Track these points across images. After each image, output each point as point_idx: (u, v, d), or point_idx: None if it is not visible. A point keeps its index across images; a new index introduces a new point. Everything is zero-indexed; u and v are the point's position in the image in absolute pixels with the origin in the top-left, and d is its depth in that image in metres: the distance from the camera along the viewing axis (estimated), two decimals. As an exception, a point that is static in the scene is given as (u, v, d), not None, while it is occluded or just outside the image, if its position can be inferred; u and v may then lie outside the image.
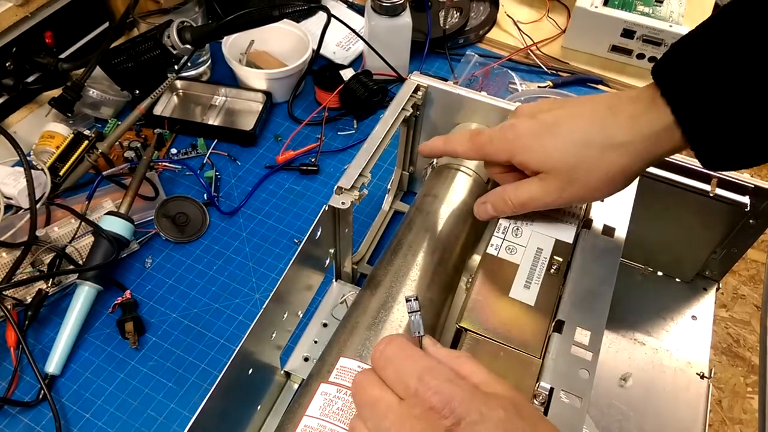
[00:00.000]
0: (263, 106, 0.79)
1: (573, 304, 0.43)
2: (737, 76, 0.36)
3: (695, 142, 0.39)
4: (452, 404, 0.30)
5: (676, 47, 0.40)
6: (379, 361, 0.34)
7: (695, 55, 0.38)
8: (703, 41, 0.38)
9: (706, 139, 0.39)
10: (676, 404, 0.58)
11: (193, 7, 0.80)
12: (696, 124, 0.39)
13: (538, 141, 0.44)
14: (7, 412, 0.55)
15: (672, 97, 0.39)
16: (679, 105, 0.39)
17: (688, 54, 0.39)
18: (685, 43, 0.39)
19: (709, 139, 0.39)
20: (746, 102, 0.36)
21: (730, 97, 0.37)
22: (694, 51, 0.39)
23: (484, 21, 0.93)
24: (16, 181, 0.65)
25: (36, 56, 0.72)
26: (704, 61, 0.38)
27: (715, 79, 0.37)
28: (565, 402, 0.38)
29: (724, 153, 0.39)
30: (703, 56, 0.38)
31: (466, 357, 0.34)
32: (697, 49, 0.38)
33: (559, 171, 0.43)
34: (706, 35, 0.38)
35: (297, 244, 0.69)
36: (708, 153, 0.39)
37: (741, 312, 1.57)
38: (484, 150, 0.47)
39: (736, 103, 0.36)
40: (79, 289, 0.60)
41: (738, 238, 0.59)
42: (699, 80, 0.38)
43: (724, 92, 0.37)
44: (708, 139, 0.39)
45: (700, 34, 0.39)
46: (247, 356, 0.44)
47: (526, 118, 0.46)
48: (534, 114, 0.46)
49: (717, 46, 0.37)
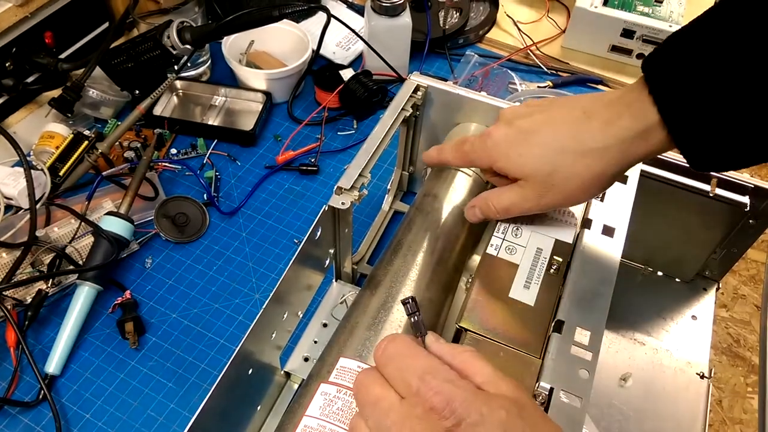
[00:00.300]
0: (263, 106, 0.79)
1: (573, 304, 0.43)
2: (731, 73, 0.35)
3: (682, 141, 0.39)
4: (453, 405, 0.30)
5: (668, 42, 0.39)
6: (381, 358, 0.33)
7: (688, 50, 0.38)
8: (697, 36, 0.38)
9: (695, 138, 0.38)
10: (676, 404, 0.58)
11: (193, 8, 0.80)
12: (684, 122, 0.38)
13: (514, 149, 0.44)
14: (7, 412, 0.56)
15: (660, 94, 0.38)
16: (666, 101, 0.38)
17: (680, 49, 0.38)
18: (677, 38, 0.39)
19: (698, 138, 0.38)
20: (738, 100, 0.35)
21: (722, 95, 0.36)
22: (687, 46, 0.38)
23: (483, 21, 0.93)
24: (16, 181, 0.65)
25: (36, 56, 0.72)
26: (697, 57, 0.37)
27: (707, 76, 0.36)
28: (565, 402, 0.38)
29: (713, 153, 0.38)
30: (696, 51, 0.37)
31: (471, 353, 0.34)
32: (690, 44, 0.38)
33: (536, 178, 0.44)
34: (699, 30, 0.38)
35: (297, 244, 0.69)
36: (696, 153, 0.39)
37: (741, 312, 1.57)
38: (468, 157, 0.48)
39: (729, 101, 0.36)
40: (79, 289, 0.60)
41: (738, 238, 0.59)
42: (690, 76, 0.37)
43: (716, 90, 0.36)
44: (696, 138, 0.38)
45: (693, 30, 0.38)
46: (247, 356, 0.44)
47: (503, 124, 0.46)
48: (512, 120, 0.45)
49: (711, 42, 0.37)
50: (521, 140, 0.44)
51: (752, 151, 0.37)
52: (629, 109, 0.40)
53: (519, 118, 0.45)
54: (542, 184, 0.43)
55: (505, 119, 0.46)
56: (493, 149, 0.45)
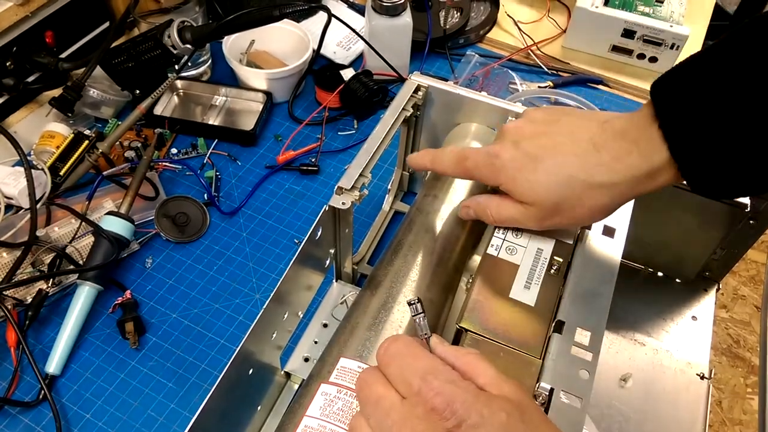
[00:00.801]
0: (263, 106, 0.79)
1: (573, 304, 0.43)
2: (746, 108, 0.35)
3: (692, 177, 0.38)
4: (454, 406, 0.30)
5: (679, 73, 0.38)
6: (383, 358, 0.34)
7: (699, 80, 0.37)
8: (709, 65, 0.37)
9: (705, 174, 0.37)
10: (676, 405, 0.58)
11: (194, 7, 0.80)
12: (695, 161, 0.37)
13: (521, 174, 0.43)
14: (7, 412, 0.56)
15: (670, 132, 0.38)
16: (677, 140, 0.37)
17: (692, 78, 0.37)
18: (688, 66, 0.38)
19: (708, 174, 0.37)
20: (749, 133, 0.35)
21: (736, 132, 0.35)
22: (698, 75, 0.37)
23: (484, 21, 0.93)
24: (17, 180, 0.65)
25: (36, 56, 0.72)
26: (710, 89, 0.36)
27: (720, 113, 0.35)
28: (565, 402, 0.38)
29: (723, 186, 0.38)
30: (709, 81, 0.36)
31: (475, 355, 0.34)
32: (702, 74, 0.37)
33: (542, 205, 0.43)
34: (712, 64, 0.37)
35: (297, 244, 0.69)
36: (704, 186, 0.38)
37: (741, 312, 1.57)
38: (471, 174, 0.47)
39: (743, 137, 0.35)
40: (79, 289, 0.60)
41: (738, 239, 0.59)
42: (702, 114, 0.36)
43: (730, 127, 0.35)
44: (707, 174, 0.37)
45: (705, 61, 0.37)
46: (247, 356, 0.44)
47: (510, 145, 0.45)
48: (518, 141, 0.44)
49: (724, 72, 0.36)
50: (529, 166, 0.43)
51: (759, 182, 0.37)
52: (638, 147, 0.40)
53: (525, 139, 0.44)
54: (547, 211, 0.43)
55: (510, 139, 0.45)
56: (501, 171, 0.45)
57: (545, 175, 0.43)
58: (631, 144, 0.40)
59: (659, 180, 0.40)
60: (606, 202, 0.42)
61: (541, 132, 0.44)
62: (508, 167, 0.44)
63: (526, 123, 0.46)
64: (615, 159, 0.40)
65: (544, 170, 0.43)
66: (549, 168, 0.42)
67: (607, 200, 0.42)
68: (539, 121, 0.45)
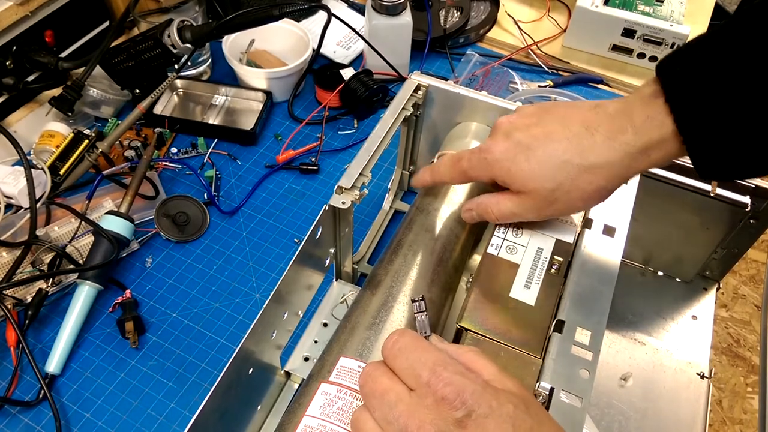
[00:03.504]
0: (263, 105, 0.79)
1: (573, 304, 0.43)
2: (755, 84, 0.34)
3: (696, 152, 0.38)
4: (464, 396, 0.30)
5: (687, 52, 0.38)
6: (391, 351, 0.34)
7: (709, 56, 0.36)
8: (718, 41, 0.37)
9: (710, 149, 0.37)
10: (676, 404, 0.58)
11: (194, 6, 0.80)
12: (701, 130, 0.37)
13: (515, 164, 0.44)
14: (7, 411, 0.55)
15: (676, 101, 0.37)
16: (684, 109, 0.37)
17: (701, 54, 0.37)
18: (697, 48, 0.38)
19: (714, 149, 0.37)
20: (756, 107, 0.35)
21: (745, 106, 0.35)
22: (708, 51, 0.37)
23: (484, 20, 0.93)
24: (16, 180, 0.65)
25: (36, 55, 0.72)
26: (718, 64, 0.36)
27: (729, 88, 0.35)
28: (565, 402, 0.38)
29: (727, 163, 0.37)
30: (718, 58, 0.36)
31: (475, 353, 0.34)
32: (711, 51, 0.37)
33: (538, 193, 0.43)
34: (722, 41, 0.37)
35: (297, 243, 0.69)
36: (708, 163, 0.38)
37: (741, 312, 1.57)
38: (467, 175, 0.48)
39: (753, 112, 0.35)
40: (79, 288, 0.60)
41: (738, 238, 0.59)
42: (710, 83, 0.36)
43: (738, 101, 0.35)
44: (712, 149, 0.37)
45: (715, 39, 0.37)
46: (247, 356, 0.44)
47: (501, 138, 0.45)
48: (510, 132, 0.45)
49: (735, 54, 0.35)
50: (521, 155, 0.43)
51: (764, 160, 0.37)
52: (633, 125, 0.39)
53: (516, 130, 0.44)
54: (544, 199, 0.43)
55: (502, 131, 0.45)
56: (494, 165, 0.45)
57: (538, 163, 0.43)
58: (626, 122, 0.40)
59: (653, 156, 0.40)
60: (602, 184, 0.42)
61: (533, 123, 0.44)
62: (500, 159, 0.44)
63: (517, 116, 0.46)
64: (609, 138, 0.41)
65: (537, 159, 0.43)
66: (542, 156, 0.43)
67: (603, 182, 0.42)
68: (531, 113, 0.46)
